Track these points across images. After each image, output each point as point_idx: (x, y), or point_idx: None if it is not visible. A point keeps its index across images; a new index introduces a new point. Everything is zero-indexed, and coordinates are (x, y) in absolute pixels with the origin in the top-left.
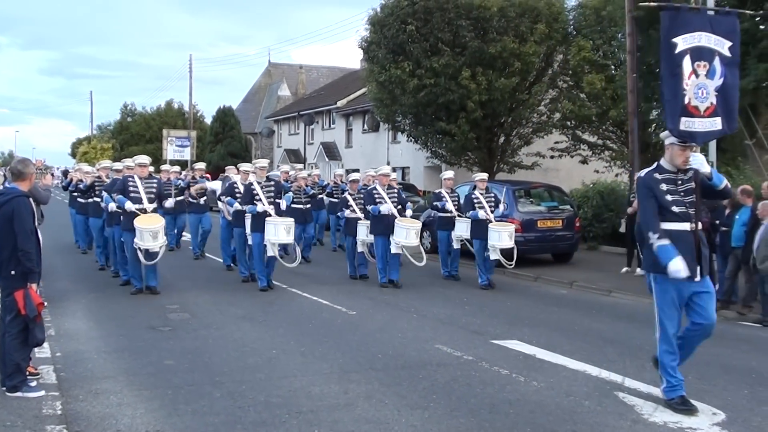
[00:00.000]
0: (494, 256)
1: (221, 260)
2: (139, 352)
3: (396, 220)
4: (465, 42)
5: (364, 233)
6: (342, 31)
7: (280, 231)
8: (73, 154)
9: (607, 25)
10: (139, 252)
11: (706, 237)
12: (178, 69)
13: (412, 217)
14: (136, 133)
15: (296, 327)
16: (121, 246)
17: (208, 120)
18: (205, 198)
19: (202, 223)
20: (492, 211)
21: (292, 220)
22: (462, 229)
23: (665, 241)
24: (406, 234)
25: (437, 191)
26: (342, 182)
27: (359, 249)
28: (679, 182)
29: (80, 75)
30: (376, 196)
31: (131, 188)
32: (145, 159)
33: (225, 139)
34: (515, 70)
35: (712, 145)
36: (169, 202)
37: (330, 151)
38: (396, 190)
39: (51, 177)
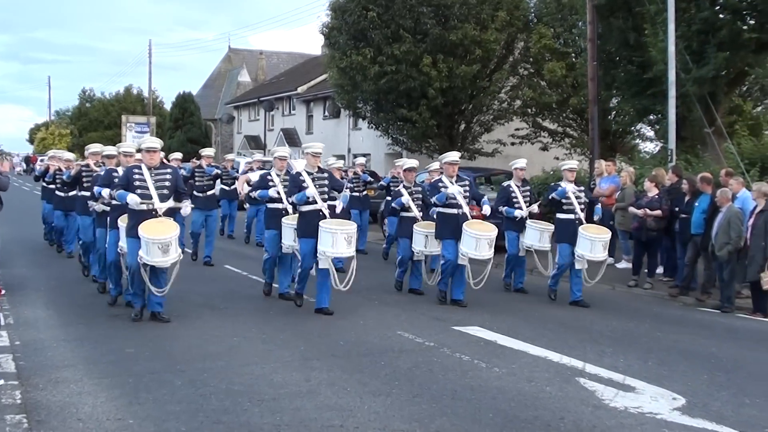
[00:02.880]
0: (579, 266)
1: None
2: (100, 341)
3: (465, 225)
4: (426, 29)
5: (421, 242)
6: (302, 17)
7: (339, 242)
8: (31, 140)
9: (567, 12)
10: (142, 269)
11: (665, 224)
12: (137, 54)
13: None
14: (95, 119)
15: (257, 315)
16: (116, 255)
17: (168, 106)
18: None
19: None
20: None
21: (355, 225)
22: (534, 237)
23: None
24: (476, 245)
25: (506, 184)
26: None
27: (415, 257)
28: None
29: (36, 60)
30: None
31: (137, 182)
32: (154, 143)
33: (185, 126)
34: (476, 57)
35: (672, 133)
36: (186, 208)
37: (290, 138)
38: (467, 182)
39: (9, 163)
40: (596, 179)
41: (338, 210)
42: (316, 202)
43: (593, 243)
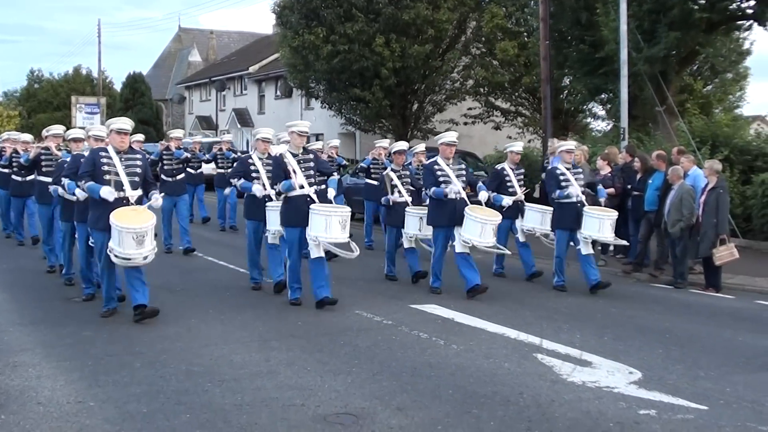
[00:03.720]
0: (586, 250)
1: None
2: (57, 324)
3: (468, 210)
4: (379, 8)
5: (414, 226)
6: None
7: (333, 225)
8: None
9: None
10: (113, 257)
11: (617, 202)
12: (85, 34)
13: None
14: (44, 100)
15: (215, 296)
16: (86, 249)
17: (118, 86)
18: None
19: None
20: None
21: (348, 209)
22: (535, 220)
23: None
24: (481, 230)
25: (499, 167)
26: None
27: (406, 245)
28: None
29: None
30: (440, 174)
31: (106, 167)
32: (125, 123)
33: (135, 106)
34: (429, 37)
35: (624, 112)
36: (157, 199)
37: (242, 118)
38: (464, 167)
39: None
40: (549, 158)
41: (330, 196)
42: (303, 187)
43: (601, 222)
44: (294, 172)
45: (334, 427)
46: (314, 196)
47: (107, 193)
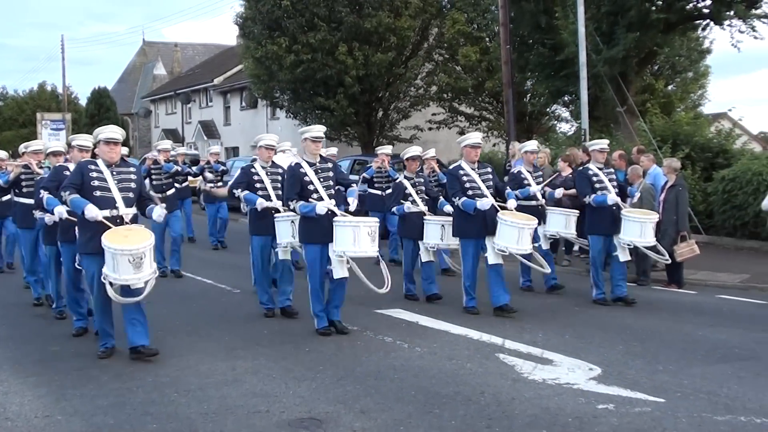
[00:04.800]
0: (624, 257)
1: None
2: (23, 340)
3: (501, 215)
4: (341, 17)
5: (435, 235)
6: (216, 7)
7: (362, 238)
8: None
9: None
10: (109, 288)
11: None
12: (49, 50)
13: None
14: (9, 117)
15: (181, 307)
16: (73, 273)
17: (83, 102)
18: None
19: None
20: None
21: (377, 220)
22: (559, 224)
23: None
24: (518, 237)
25: (516, 170)
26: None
27: (424, 258)
28: None
29: None
30: (466, 180)
31: (96, 181)
32: (115, 132)
33: (101, 121)
34: (391, 44)
35: (585, 113)
36: (158, 212)
37: (208, 130)
38: (489, 171)
39: None
40: (511, 161)
41: (352, 208)
42: (323, 199)
43: (643, 226)
44: (313, 185)
45: (299, 431)
46: (336, 209)
47: (92, 211)
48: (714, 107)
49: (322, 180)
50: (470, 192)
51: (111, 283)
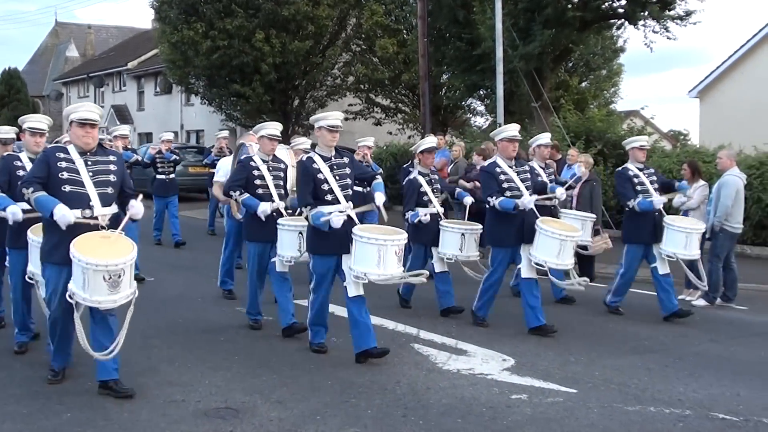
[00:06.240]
0: (663, 269)
1: None
2: None
3: (540, 224)
4: (258, 4)
5: (453, 244)
6: None
7: (389, 259)
8: None
9: None
10: (75, 310)
11: None
12: None
13: None
14: None
15: None
16: (22, 286)
17: None
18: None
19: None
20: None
21: (405, 234)
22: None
23: None
24: (560, 249)
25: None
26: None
27: (438, 269)
28: None
29: None
30: (503, 179)
31: (64, 173)
32: (91, 112)
33: (11, 103)
34: (309, 33)
35: (500, 108)
36: (136, 208)
37: (121, 115)
38: (528, 168)
39: None
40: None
41: (380, 203)
42: (339, 201)
43: (689, 236)
44: (327, 183)
45: (215, 421)
46: (353, 214)
47: (64, 213)
48: (627, 105)
49: (338, 178)
50: (508, 193)
51: (76, 303)
